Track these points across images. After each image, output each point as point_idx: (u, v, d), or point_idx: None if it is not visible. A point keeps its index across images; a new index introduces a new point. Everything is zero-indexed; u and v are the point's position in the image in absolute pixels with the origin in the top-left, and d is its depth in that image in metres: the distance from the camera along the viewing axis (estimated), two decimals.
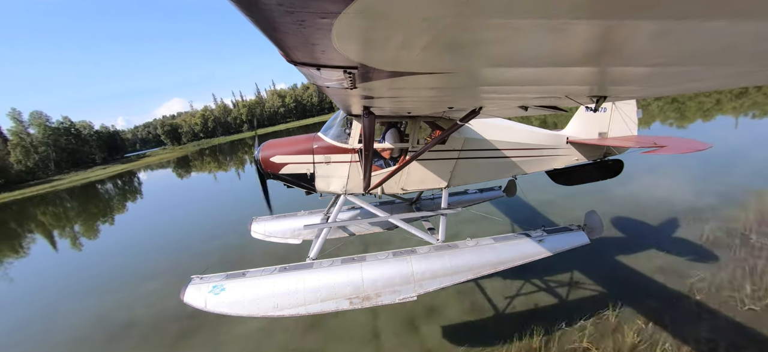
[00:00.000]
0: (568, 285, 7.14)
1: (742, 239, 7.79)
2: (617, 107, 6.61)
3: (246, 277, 4.55)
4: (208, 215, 18.28)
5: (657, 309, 5.98)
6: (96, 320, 8.70)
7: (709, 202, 10.05)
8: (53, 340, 8.09)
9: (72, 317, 9.10)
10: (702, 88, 2.48)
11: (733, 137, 18.67)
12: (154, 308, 8.68)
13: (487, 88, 2.41)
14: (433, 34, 1.17)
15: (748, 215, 8.78)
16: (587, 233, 5.43)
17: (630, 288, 6.70)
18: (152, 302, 9.02)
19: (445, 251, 4.96)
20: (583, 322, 5.91)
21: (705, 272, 6.82)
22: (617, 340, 5.41)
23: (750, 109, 27.10)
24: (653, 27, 1.07)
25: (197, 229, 15.47)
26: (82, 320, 8.81)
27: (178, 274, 9.97)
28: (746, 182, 11.16)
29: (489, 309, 6.63)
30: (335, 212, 5.57)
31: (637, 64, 1.61)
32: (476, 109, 3.56)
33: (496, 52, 1.38)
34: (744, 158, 13.78)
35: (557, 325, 5.90)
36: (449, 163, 5.59)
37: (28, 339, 8.31)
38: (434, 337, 6.06)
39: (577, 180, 7.09)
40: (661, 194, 11.20)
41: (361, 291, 4.49)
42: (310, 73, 1.77)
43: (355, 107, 3.95)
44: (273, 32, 1.14)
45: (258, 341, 6.67)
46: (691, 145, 5.90)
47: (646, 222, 9.39)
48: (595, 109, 2.96)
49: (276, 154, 5.33)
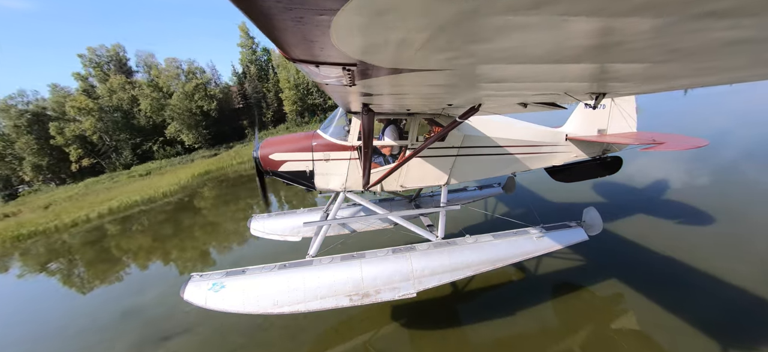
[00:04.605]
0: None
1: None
2: (616, 104, 6.62)
3: (246, 274, 4.56)
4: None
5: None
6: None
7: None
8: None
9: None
10: (702, 83, 2.48)
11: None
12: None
13: (486, 86, 2.40)
14: (432, 31, 1.17)
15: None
16: (586, 230, 5.46)
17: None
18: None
19: (445, 248, 4.98)
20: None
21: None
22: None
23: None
24: (652, 24, 1.07)
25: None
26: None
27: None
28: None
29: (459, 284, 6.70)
30: (335, 209, 5.57)
31: (637, 61, 1.61)
32: (475, 107, 3.56)
33: (494, 49, 1.38)
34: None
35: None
36: (448, 160, 5.60)
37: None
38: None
39: (576, 177, 7.12)
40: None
41: (360, 288, 4.50)
42: (309, 70, 1.77)
43: (354, 104, 3.95)
44: (272, 30, 1.14)
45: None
46: (689, 142, 5.95)
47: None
48: (594, 107, 2.97)
49: (275, 151, 5.32)
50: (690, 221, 8.23)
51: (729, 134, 16.12)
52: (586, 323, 5.35)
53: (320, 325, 5.99)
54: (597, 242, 6.25)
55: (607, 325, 5.26)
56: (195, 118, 41.16)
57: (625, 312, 5.51)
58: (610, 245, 7.45)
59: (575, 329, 5.24)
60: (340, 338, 5.72)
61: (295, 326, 6.05)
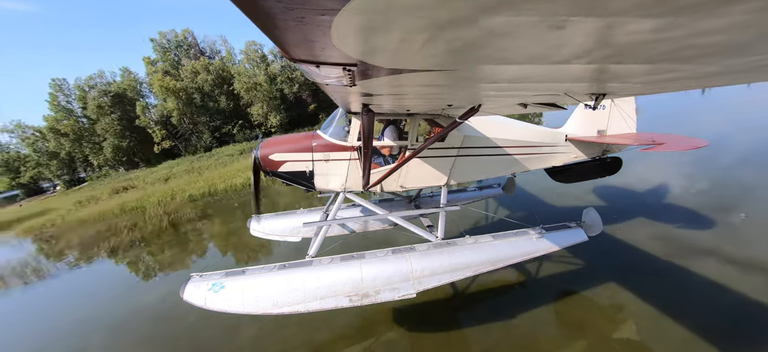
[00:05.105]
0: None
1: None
2: (616, 105, 6.63)
3: (245, 274, 4.56)
4: None
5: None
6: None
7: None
8: None
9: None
10: (702, 85, 2.48)
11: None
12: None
13: (486, 86, 2.41)
14: (432, 31, 1.17)
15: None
16: (585, 230, 5.46)
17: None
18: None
19: (445, 249, 4.98)
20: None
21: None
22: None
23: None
24: (653, 24, 1.07)
25: None
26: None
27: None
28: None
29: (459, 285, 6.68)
30: (334, 210, 5.57)
31: (637, 61, 1.61)
32: (475, 107, 3.56)
33: (495, 49, 1.38)
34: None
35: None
36: (448, 160, 5.60)
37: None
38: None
39: (576, 177, 7.13)
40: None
41: (360, 289, 4.50)
42: (310, 70, 1.77)
43: (354, 105, 3.95)
44: (273, 30, 1.14)
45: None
46: (689, 142, 5.95)
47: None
48: (594, 107, 2.97)
49: (275, 152, 5.32)
50: (689, 225, 8.21)
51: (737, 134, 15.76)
52: (586, 329, 5.31)
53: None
54: (596, 245, 6.26)
55: (607, 332, 5.21)
56: (275, 101, 41.70)
57: (625, 317, 5.48)
58: (609, 247, 7.45)
59: (575, 335, 5.21)
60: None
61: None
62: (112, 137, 41.06)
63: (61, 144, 41.99)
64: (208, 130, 41.48)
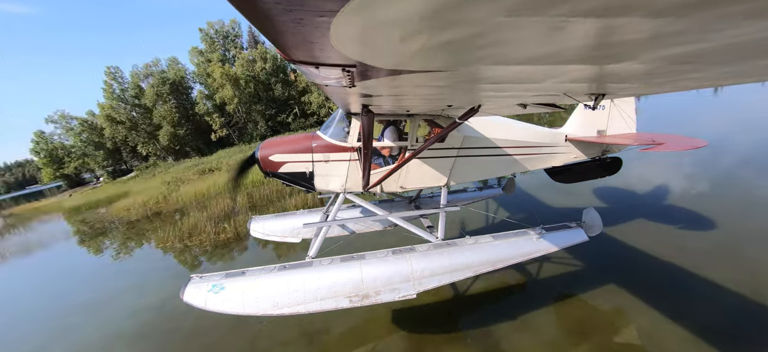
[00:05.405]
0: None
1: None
2: (616, 105, 6.63)
3: (245, 276, 4.55)
4: None
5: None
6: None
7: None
8: None
9: None
10: (701, 85, 2.48)
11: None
12: None
13: (486, 87, 2.40)
14: (431, 32, 1.17)
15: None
16: (586, 231, 5.45)
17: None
18: None
19: (445, 249, 4.97)
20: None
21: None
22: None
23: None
24: (653, 24, 1.07)
25: None
26: None
27: None
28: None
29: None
30: (334, 211, 5.57)
31: (637, 61, 1.61)
32: (475, 107, 3.56)
33: (494, 50, 1.38)
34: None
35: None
36: (448, 161, 5.60)
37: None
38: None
39: (576, 178, 7.12)
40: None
41: (360, 289, 4.49)
42: (309, 71, 1.77)
43: (353, 106, 3.94)
44: (271, 31, 1.14)
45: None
46: (689, 142, 5.95)
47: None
48: (593, 107, 2.97)
49: (275, 152, 5.32)
50: (690, 226, 8.19)
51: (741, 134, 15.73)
52: (586, 330, 5.29)
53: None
54: (596, 246, 6.22)
55: (609, 333, 5.20)
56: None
57: (625, 318, 5.48)
58: (609, 249, 7.44)
59: (576, 340, 5.18)
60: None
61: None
62: (168, 125, 40.74)
63: (118, 131, 42.10)
64: (262, 118, 41.12)
